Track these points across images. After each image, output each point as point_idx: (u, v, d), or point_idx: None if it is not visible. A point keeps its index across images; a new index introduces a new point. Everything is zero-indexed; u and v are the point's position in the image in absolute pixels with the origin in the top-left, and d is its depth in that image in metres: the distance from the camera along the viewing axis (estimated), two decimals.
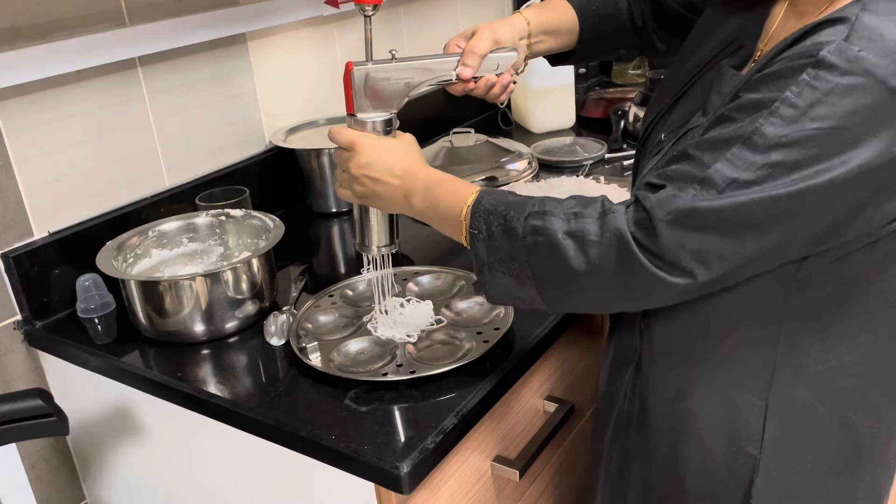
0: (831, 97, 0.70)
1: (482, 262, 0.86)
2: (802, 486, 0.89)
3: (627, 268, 0.77)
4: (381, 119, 0.99)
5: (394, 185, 0.95)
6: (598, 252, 0.77)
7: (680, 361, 0.91)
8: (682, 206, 0.74)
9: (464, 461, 1.00)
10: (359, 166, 0.96)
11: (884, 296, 0.84)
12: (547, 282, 0.82)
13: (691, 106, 0.91)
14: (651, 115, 0.99)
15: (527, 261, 0.82)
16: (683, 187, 0.75)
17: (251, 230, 1.27)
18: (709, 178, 0.73)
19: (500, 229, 0.83)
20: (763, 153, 0.72)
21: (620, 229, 0.76)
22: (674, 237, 0.74)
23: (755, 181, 0.72)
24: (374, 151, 0.96)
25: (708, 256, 0.75)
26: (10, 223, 1.18)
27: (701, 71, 0.93)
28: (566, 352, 1.21)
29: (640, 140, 1.00)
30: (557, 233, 0.79)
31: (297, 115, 1.64)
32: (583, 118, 2.01)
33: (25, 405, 0.84)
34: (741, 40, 0.89)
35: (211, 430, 1.03)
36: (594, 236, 0.78)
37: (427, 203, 0.93)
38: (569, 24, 1.13)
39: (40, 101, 1.19)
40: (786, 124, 0.71)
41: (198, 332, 1.12)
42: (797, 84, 0.71)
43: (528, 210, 0.82)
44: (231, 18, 1.43)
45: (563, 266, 0.79)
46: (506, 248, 0.83)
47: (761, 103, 0.73)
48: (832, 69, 0.70)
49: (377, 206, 0.99)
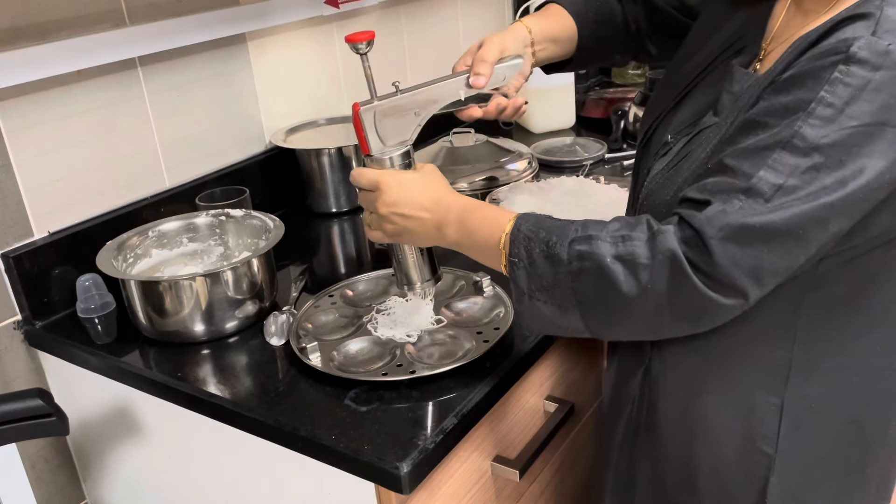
0: (866, 93, 0.70)
1: (522, 291, 0.83)
2: (815, 483, 0.89)
3: (680, 290, 0.75)
4: (399, 153, 0.97)
5: (425, 218, 0.93)
6: (649, 276, 0.75)
7: (693, 363, 0.90)
8: (734, 221, 0.72)
9: (464, 461, 1.00)
10: (387, 205, 0.93)
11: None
12: (593, 309, 0.80)
13: (696, 106, 0.91)
14: (652, 117, 0.98)
15: (571, 287, 0.79)
16: (729, 200, 0.73)
17: (251, 230, 1.27)
18: (753, 187, 0.72)
19: (543, 256, 0.81)
20: (806, 156, 0.71)
21: (673, 250, 0.74)
22: (727, 255, 0.72)
23: (800, 186, 0.71)
24: (400, 188, 0.93)
25: (762, 273, 0.73)
26: (10, 223, 1.18)
27: (703, 71, 0.93)
28: (566, 352, 1.21)
29: (641, 142, 1.00)
30: (606, 257, 0.77)
31: (297, 115, 1.64)
32: (583, 118, 2.01)
33: (25, 405, 0.84)
34: (744, 40, 0.89)
35: (211, 430, 1.03)
36: (645, 259, 0.75)
37: (462, 233, 0.91)
38: (568, 31, 1.14)
39: (40, 101, 1.19)
40: (825, 124, 0.70)
41: (198, 332, 1.12)
42: (830, 83, 0.71)
43: (571, 235, 0.80)
44: (231, 18, 1.43)
45: (613, 291, 0.77)
46: (549, 275, 0.80)
47: (796, 106, 0.72)
48: (864, 64, 0.70)
49: (410, 242, 0.98)
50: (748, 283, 0.74)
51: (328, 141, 1.56)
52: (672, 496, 0.96)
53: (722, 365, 0.88)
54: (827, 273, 0.81)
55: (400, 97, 0.96)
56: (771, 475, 0.88)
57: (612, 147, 1.78)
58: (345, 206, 1.57)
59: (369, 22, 1.76)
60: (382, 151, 0.96)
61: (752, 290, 0.74)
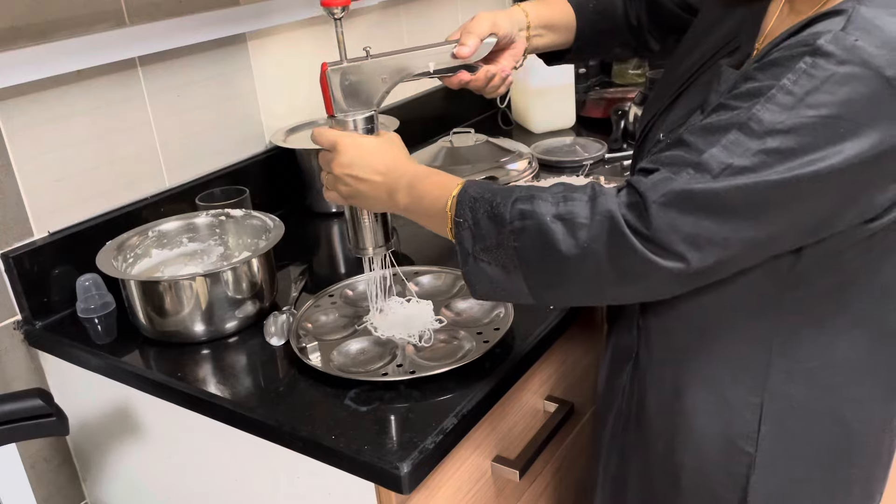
0: (828, 85, 0.70)
1: (467, 252, 0.84)
2: (798, 483, 0.89)
3: (618, 250, 0.75)
4: (362, 117, 0.98)
5: (377, 182, 0.94)
6: (587, 235, 0.76)
7: (676, 359, 0.91)
8: (676, 188, 0.73)
9: (464, 461, 1.00)
10: (341, 166, 0.96)
11: (878, 291, 0.84)
12: (534, 269, 0.80)
13: (689, 105, 0.91)
14: (648, 115, 0.99)
15: (514, 247, 0.80)
16: (678, 171, 0.74)
17: (251, 230, 1.27)
18: (703, 162, 0.73)
19: (487, 216, 0.82)
20: (759, 139, 0.72)
21: (611, 211, 0.75)
22: (666, 219, 0.73)
23: (750, 167, 0.72)
24: (357, 150, 0.95)
25: (700, 241, 0.73)
26: (10, 223, 1.18)
27: (698, 70, 0.93)
28: (566, 352, 1.21)
29: (638, 139, 1.00)
30: (546, 216, 0.78)
31: (297, 115, 1.64)
32: (583, 118, 2.01)
33: (25, 405, 0.84)
34: (738, 40, 0.90)
35: (211, 430, 1.03)
36: (583, 219, 0.76)
37: (411, 198, 0.92)
38: (566, 20, 1.14)
39: (40, 101, 1.19)
40: (782, 111, 0.71)
41: (198, 332, 1.12)
42: (794, 72, 0.71)
43: (515, 195, 0.81)
44: (231, 18, 1.43)
45: (552, 250, 0.78)
46: (492, 234, 0.81)
47: (758, 91, 0.73)
48: (829, 57, 0.70)
49: (363, 205, 0.99)
50: (686, 249, 0.74)
51: None
52: (658, 492, 0.97)
53: (702, 362, 0.89)
54: (806, 271, 0.81)
55: (369, 62, 0.98)
56: (752, 474, 0.88)
57: (612, 147, 1.78)
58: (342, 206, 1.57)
59: (369, 22, 1.76)
60: (346, 113, 0.98)
61: (691, 255, 0.74)
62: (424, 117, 1.89)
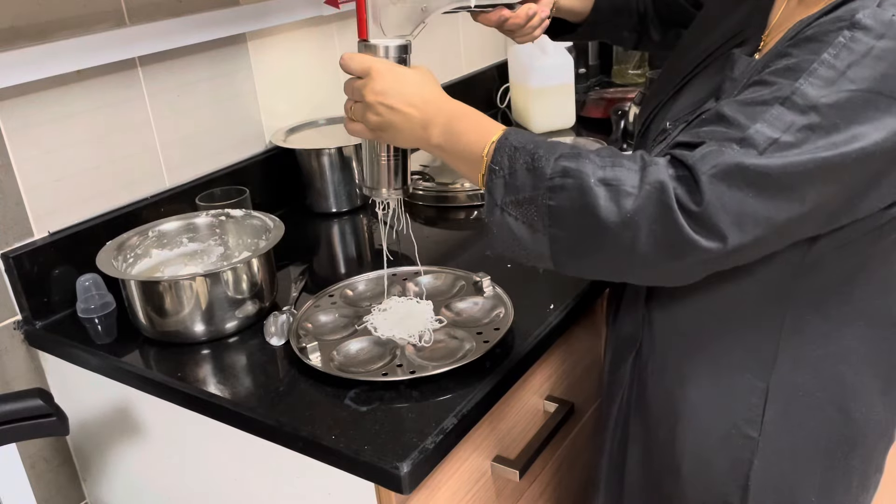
0: (868, 59, 0.70)
1: (494, 202, 0.79)
2: (799, 471, 0.89)
3: (662, 225, 0.72)
4: (396, 44, 0.91)
5: (411, 114, 0.87)
6: (632, 205, 0.72)
7: (682, 346, 0.91)
8: (729, 161, 0.71)
9: (464, 461, 1.00)
10: (374, 93, 0.87)
11: (883, 283, 0.85)
12: (565, 231, 0.76)
13: (696, 95, 0.91)
14: (650, 107, 0.99)
15: (548, 205, 0.75)
16: (724, 144, 0.72)
17: (251, 230, 1.28)
18: (749, 137, 0.72)
19: (525, 167, 0.77)
20: (804, 114, 0.71)
21: (662, 182, 0.72)
22: (715, 192, 0.71)
23: (795, 143, 0.71)
24: (393, 78, 0.88)
25: (744, 218, 0.71)
26: (10, 223, 1.18)
27: (704, 62, 0.93)
28: (566, 352, 1.21)
29: (639, 131, 1.00)
30: (590, 177, 0.73)
31: (297, 115, 1.64)
32: (583, 118, 2.01)
33: (25, 405, 0.84)
34: (746, 32, 0.90)
35: (211, 431, 1.03)
36: (630, 187, 0.73)
37: (447, 136, 0.86)
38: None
39: (40, 101, 1.19)
40: (825, 85, 0.71)
41: (198, 332, 1.12)
42: (834, 46, 0.72)
43: (560, 151, 0.77)
44: (231, 18, 1.43)
45: (590, 215, 0.73)
46: (528, 187, 0.76)
47: (798, 66, 0.73)
48: (868, 31, 0.71)
49: (391, 138, 0.91)
50: (730, 227, 0.71)
51: (328, 141, 1.56)
52: (659, 481, 0.97)
53: (709, 348, 0.89)
54: (817, 261, 0.82)
55: None
56: (755, 459, 0.88)
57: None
58: (345, 206, 1.57)
59: None
60: (381, 39, 0.92)
61: (732, 234, 0.72)
62: None
